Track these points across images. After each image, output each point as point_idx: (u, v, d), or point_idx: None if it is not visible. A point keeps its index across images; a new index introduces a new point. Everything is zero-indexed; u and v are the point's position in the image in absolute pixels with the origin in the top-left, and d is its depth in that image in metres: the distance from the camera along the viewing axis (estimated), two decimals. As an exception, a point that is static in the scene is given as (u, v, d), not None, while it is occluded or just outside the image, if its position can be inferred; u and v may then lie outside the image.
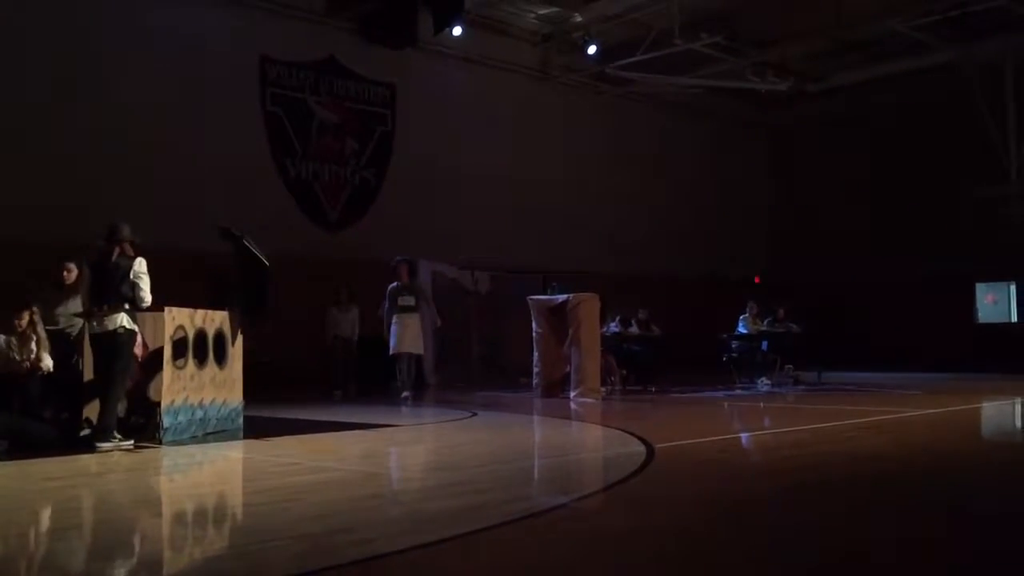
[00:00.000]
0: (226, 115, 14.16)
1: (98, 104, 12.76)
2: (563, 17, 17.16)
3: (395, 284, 11.90)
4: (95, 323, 7.05)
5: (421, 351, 12.08)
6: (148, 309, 7.23)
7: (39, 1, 12.43)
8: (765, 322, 14.66)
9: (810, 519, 4.37)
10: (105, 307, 6.97)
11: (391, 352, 11.74)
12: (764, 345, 14.48)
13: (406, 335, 11.67)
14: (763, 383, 13.69)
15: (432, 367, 14.74)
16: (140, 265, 7.04)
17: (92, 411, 7.36)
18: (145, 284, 7.01)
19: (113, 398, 7.00)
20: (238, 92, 14.50)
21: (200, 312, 7.82)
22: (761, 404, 11.23)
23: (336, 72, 15.75)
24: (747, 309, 14.68)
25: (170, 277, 7.74)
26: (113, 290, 6.98)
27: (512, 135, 17.59)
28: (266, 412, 9.37)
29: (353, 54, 15.68)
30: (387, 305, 11.81)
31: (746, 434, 8.58)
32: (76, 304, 7.65)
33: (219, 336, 8.05)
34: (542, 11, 17.00)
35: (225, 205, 12.56)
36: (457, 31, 15.81)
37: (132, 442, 7.04)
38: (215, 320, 8.00)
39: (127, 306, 6.99)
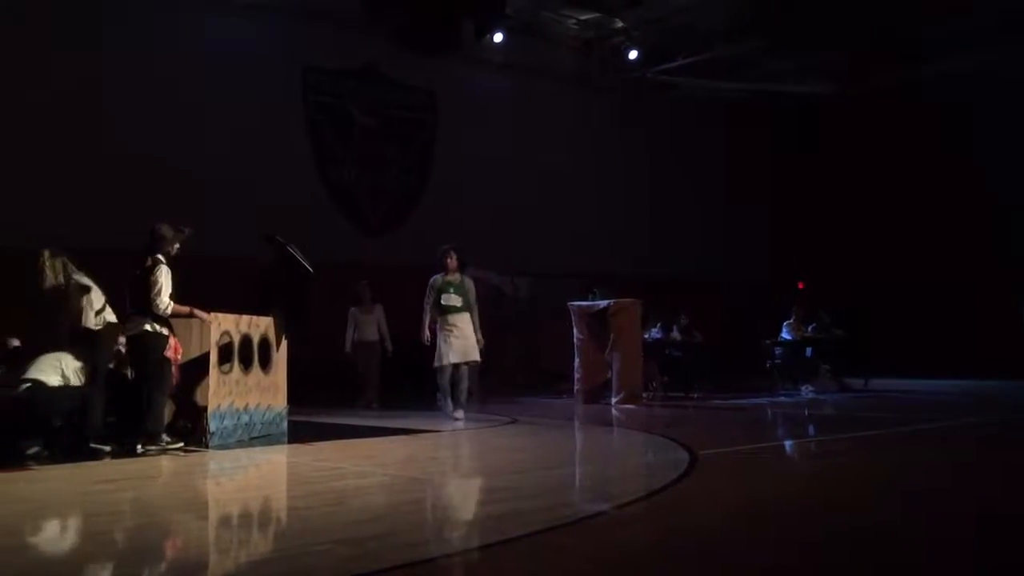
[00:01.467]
0: (271, 123, 14.33)
1: (142, 112, 12.96)
2: (604, 22, 17.15)
3: (439, 276, 10.00)
4: (127, 326, 7.20)
5: (472, 358, 9.90)
6: (182, 315, 7.29)
7: (90, 15, 12.64)
8: (809, 328, 14.49)
9: (859, 526, 4.31)
10: (136, 311, 7.12)
11: (436, 364, 9.82)
12: (808, 351, 14.31)
13: (455, 341, 9.74)
14: (807, 390, 13.53)
15: (473, 373, 14.73)
16: (157, 273, 7.11)
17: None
18: (160, 291, 7.07)
19: (155, 401, 7.09)
20: (283, 100, 14.68)
21: (245, 317, 7.92)
22: (805, 411, 11.11)
23: (378, 80, 15.89)
24: (791, 315, 14.52)
25: (216, 282, 7.85)
26: (138, 296, 7.13)
27: (553, 141, 17.59)
28: (309, 416, 9.46)
29: (394, 62, 15.78)
30: (428, 300, 9.95)
31: (790, 441, 8.49)
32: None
33: (264, 341, 8.16)
34: (583, 16, 17.00)
35: (270, 212, 12.69)
36: (498, 38, 15.86)
37: (182, 444, 7.15)
38: (260, 325, 8.10)
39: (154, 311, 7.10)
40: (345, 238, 14.85)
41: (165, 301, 7.09)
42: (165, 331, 7.19)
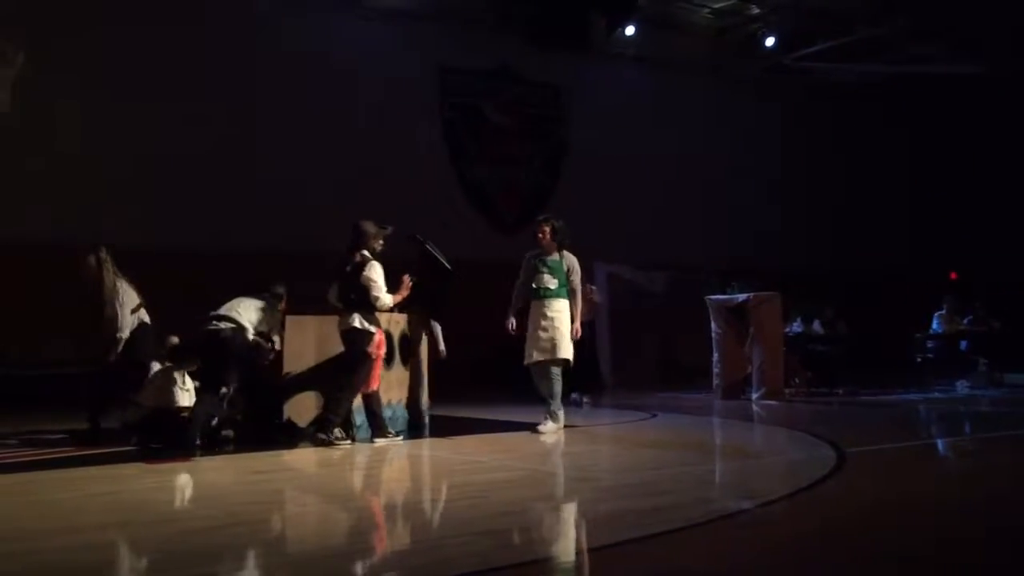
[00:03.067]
0: (407, 124, 14.69)
1: (282, 117, 13.49)
2: (738, 9, 16.77)
3: (532, 254, 8.33)
4: (338, 323, 7.42)
5: (562, 355, 8.03)
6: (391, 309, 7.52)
7: (220, 19, 13.21)
8: (964, 320, 13.78)
9: (1019, 526, 4.09)
10: (347, 308, 7.32)
11: (525, 362, 8.20)
12: (963, 345, 13.61)
13: (541, 334, 8.03)
14: (962, 385, 12.88)
15: (609, 368, 14.72)
16: (370, 270, 7.28)
17: (290, 409, 7.86)
18: (375, 287, 7.25)
19: (344, 393, 7.30)
20: (419, 101, 15.04)
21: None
22: (960, 408, 10.58)
23: (510, 78, 16.05)
24: (943, 306, 13.85)
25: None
26: (348, 293, 7.32)
27: (687, 133, 17.34)
28: (448, 411, 9.65)
29: (526, 60, 15.90)
30: (520, 282, 8.31)
31: (944, 439, 8.11)
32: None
33: (404, 338, 8.37)
34: (716, 5, 16.67)
35: (408, 211, 13.00)
36: (629, 31, 15.75)
37: (350, 442, 7.39)
38: (400, 322, 8.31)
39: (364, 308, 7.27)
40: (481, 236, 15.06)
41: (384, 297, 7.29)
42: (373, 328, 7.33)
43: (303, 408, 7.92)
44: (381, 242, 7.51)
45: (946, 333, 13.66)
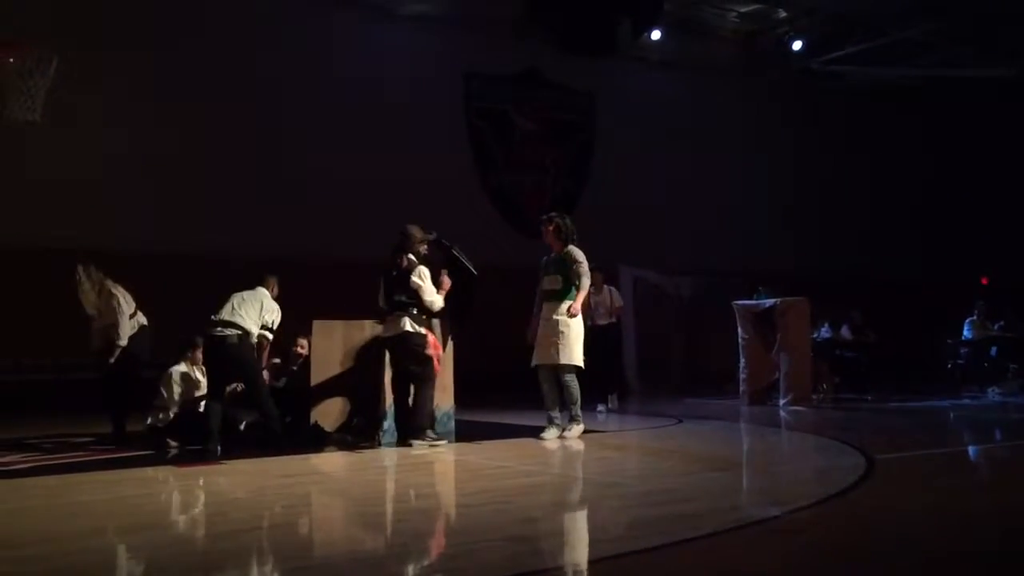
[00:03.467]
0: (433, 129, 14.74)
1: (306, 122, 13.56)
2: (766, 13, 16.68)
3: (547, 256, 8.20)
4: (387, 326, 7.47)
5: (570, 361, 7.73)
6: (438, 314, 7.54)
7: (245, 23, 13.26)
8: (996, 326, 13.61)
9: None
10: (395, 312, 7.38)
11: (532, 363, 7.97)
12: (993, 351, 13.44)
13: (540, 337, 7.85)
14: (993, 392, 12.72)
15: (635, 373, 14.66)
16: (417, 274, 7.35)
17: (317, 413, 7.90)
18: (425, 291, 7.32)
19: (423, 397, 7.38)
20: (444, 106, 15.08)
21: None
22: (992, 415, 10.44)
23: (536, 83, 16.07)
24: (974, 312, 13.69)
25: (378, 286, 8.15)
26: (396, 296, 7.38)
27: (714, 137, 17.27)
28: (472, 416, 9.64)
29: (552, 65, 15.90)
30: (539, 287, 8.18)
31: (976, 447, 8.00)
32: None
33: (430, 342, 8.37)
34: (744, 9, 16.59)
35: (433, 215, 12.99)
36: (656, 35, 15.71)
37: (445, 441, 7.46)
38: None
39: (414, 311, 7.33)
40: (506, 241, 15.06)
41: (436, 299, 7.37)
42: (423, 330, 7.39)
43: (330, 412, 7.96)
44: (425, 247, 7.59)
45: (977, 339, 13.49)
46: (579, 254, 7.91)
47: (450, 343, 8.59)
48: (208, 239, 12.38)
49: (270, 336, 7.52)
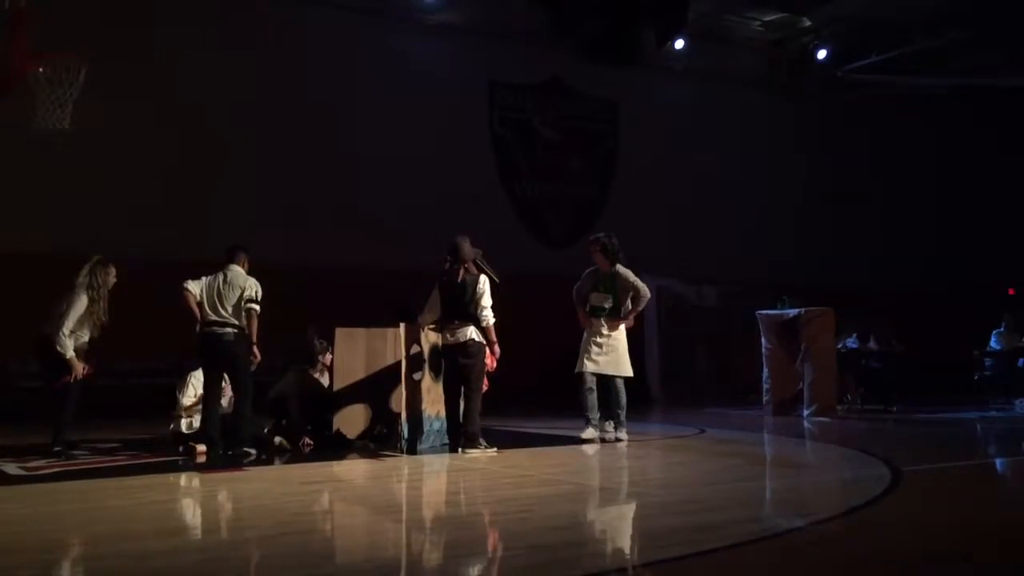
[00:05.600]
0: (456, 138, 14.78)
1: (331, 131, 13.63)
2: (791, 22, 16.61)
3: (588, 272, 8.55)
4: (448, 335, 7.61)
5: (620, 372, 8.29)
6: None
7: (269, 32, 13.31)
8: (1023, 338, 13.45)
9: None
10: (456, 322, 7.53)
11: (576, 370, 8.37)
12: (1021, 362, 13.29)
13: (594, 348, 8.26)
14: (1021, 404, 12.58)
15: (658, 382, 14.61)
16: (483, 284, 7.53)
17: (339, 420, 7.94)
18: (485, 302, 7.49)
19: (474, 405, 7.55)
20: (468, 116, 15.13)
21: (426, 329, 8.16)
22: (1020, 427, 10.32)
23: (560, 92, 16.09)
24: (1002, 323, 13.54)
25: (405, 295, 8.17)
26: (462, 308, 7.53)
27: (739, 147, 17.21)
28: (494, 424, 9.64)
29: (576, 73, 15.91)
30: (575, 296, 8.56)
31: (1004, 459, 7.91)
32: None
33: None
34: (768, 18, 16.53)
35: (456, 223, 13.01)
36: (679, 44, 15.69)
37: (495, 449, 7.51)
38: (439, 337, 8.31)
39: (476, 321, 7.49)
40: (529, 250, 15.07)
41: (489, 312, 7.51)
42: (483, 340, 7.58)
43: (353, 420, 7.99)
44: (476, 259, 7.69)
45: (1004, 350, 13.35)
46: (631, 275, 8.32)
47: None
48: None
49: (257, 308, 7.40)
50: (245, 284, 7.40)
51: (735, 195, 16.94)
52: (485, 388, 7.71)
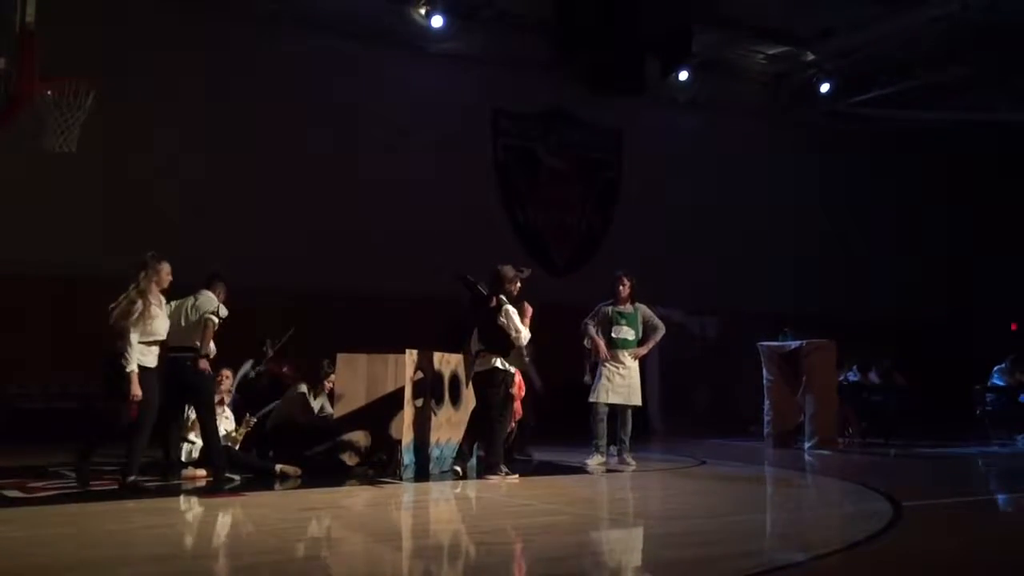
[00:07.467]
0: (460, 165, 14.83)
1: (333, 158, 13.67)
2: (794, 55, 16.71)
3: (608, 305, 8.95)
4: (476, 362, 7.68)
5: (634, 402, 8.75)
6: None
7: (272, 60, 13.31)
8: (1025, 373, 13.42)
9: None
10: (486, 350, 7.60)
11: (591, 399, 8.73)
12: (1022, 398, 13.25)
13: (618, 379, 8.62)
14: (1023, 440, 12.52)
15: (658, 413, 14.57)
16: (505, 314, 7.57)
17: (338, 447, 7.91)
18: (512, 328, 7.52)
19: (497, 433, 7.59)
20: (471, 143, 15.18)
21: (436, 355, 8.18)
22: (1022, 463, 10.27)
23: (563, 121, 16.16)
24: (1004, 360, 13.51)
25: (405, 321, 8.19)
26: (487, 335, 7.61)
27: (741, 178, 17.25)
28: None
29: (580, 103, 15.99)
30: (591, 328, 8.86)
31: (1006, 495, 7.87)
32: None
33: (454, 378, 8.38)
34: (772, 51, 16.63)
35: (459, 251, 13.08)
36: (683, 75, 15.80)
37: (517, 476, 7.55)
38: (451, 363, 8.33)
39: (503, 350, 7.55)
40: (533, 279, 15.02)
41: (523, 332, 7.57)
42: (513, 369, 7.65)
43: (352, 446, 7.97)
44: (518, 285, 7.74)
45: (1007, 386, 13.32)
46: (649, 312, 8.96)
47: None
48: (240, 276, 12.45)
49: (214, 319, 7.14)
50: (210, 308, 7.18)
51: (737, 226, 16.95)
52: (518, 416, 7.85)
